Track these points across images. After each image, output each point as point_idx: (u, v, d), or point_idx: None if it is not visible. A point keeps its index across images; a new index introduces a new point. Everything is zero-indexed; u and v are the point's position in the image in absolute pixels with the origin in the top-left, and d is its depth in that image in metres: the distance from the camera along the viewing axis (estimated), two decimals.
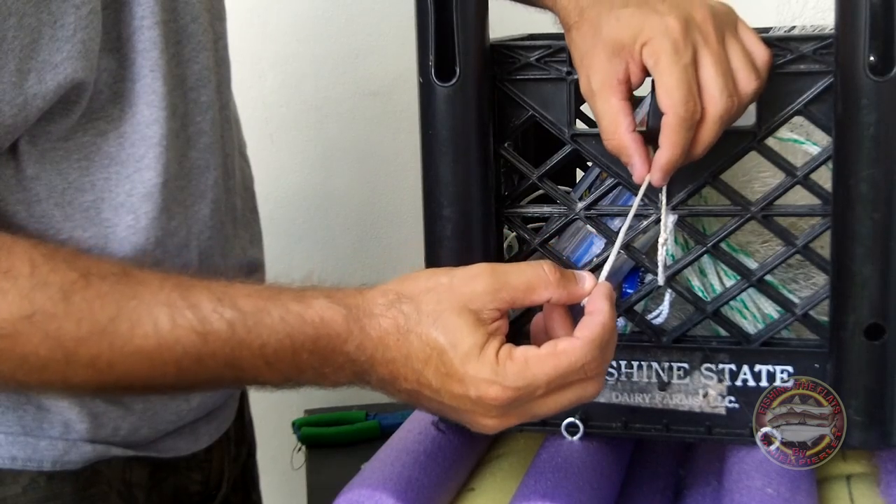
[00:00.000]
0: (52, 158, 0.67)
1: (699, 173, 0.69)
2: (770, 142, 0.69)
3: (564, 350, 0.59)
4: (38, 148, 0.67)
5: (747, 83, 0.63)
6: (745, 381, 0.71)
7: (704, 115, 0.62)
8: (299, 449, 1.23)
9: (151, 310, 0.61)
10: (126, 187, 0.70)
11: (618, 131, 0.64)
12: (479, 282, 0.61)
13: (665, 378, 0.72)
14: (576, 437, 0.73)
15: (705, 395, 0.72)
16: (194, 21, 0.74)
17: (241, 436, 0.91)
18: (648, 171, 0.64)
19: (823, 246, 0.69)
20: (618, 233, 0.68)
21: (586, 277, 0.62)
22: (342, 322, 0.61)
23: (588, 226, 0.73)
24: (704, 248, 0.71)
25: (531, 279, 0.61)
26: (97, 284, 0.61)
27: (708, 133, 0.63)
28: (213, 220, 0.77)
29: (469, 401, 0.60)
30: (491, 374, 0.59)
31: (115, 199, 0.70)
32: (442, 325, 0.60)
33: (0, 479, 0.71)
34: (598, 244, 0.74)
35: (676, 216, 0.70)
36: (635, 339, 0.73)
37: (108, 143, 0.69)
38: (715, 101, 0.62)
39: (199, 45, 0.74)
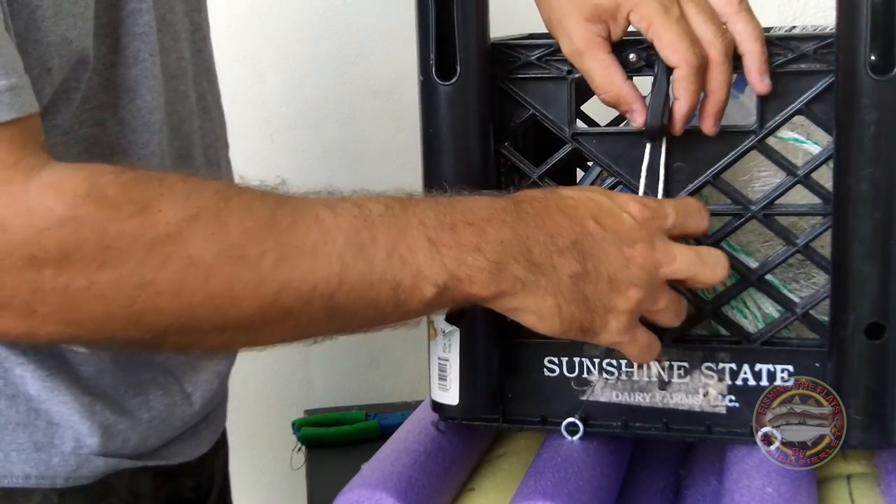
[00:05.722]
0: (56, 154, 0.66)
1: (700, 172, 0.69)
2: (771, 141, 0.69)
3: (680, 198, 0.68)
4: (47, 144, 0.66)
5: (735, 11, 0.67)
6: (745, 380, 0.71)
7: (709, 60, 0.66)
8: (299, 449, 1.23)
9: (309, 205, 0.59)
10: None
11: (614, 82, 0.67)
12: None
13: (665, 377, 0.72)
14: (576, 437, 0.73)
15: (705, 395, 0.72)
16: (171, 11, 0.74)
17: (223, 439, 0.91)
18: (646, 117, 0.67)
19: (824, 245, 0.69)
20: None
21: None
22: (489, 197, 0.63)
23: None
24: None
25: None
26: (250, 190, 0.59)
27: (721, 74, 0.66)
28: None
29: (616, 217, 0.64)
30: (629, 197, 0.65)
31: None
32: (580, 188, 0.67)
33: (13, 498, 0.70)
34: None
35: None
36: None
37: (107, 132, 0.68)
38: (713, 45, 0.65)
39: (175, 35, 0.74)
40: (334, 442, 1.22)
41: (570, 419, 0.73)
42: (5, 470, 0.70)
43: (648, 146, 0.69)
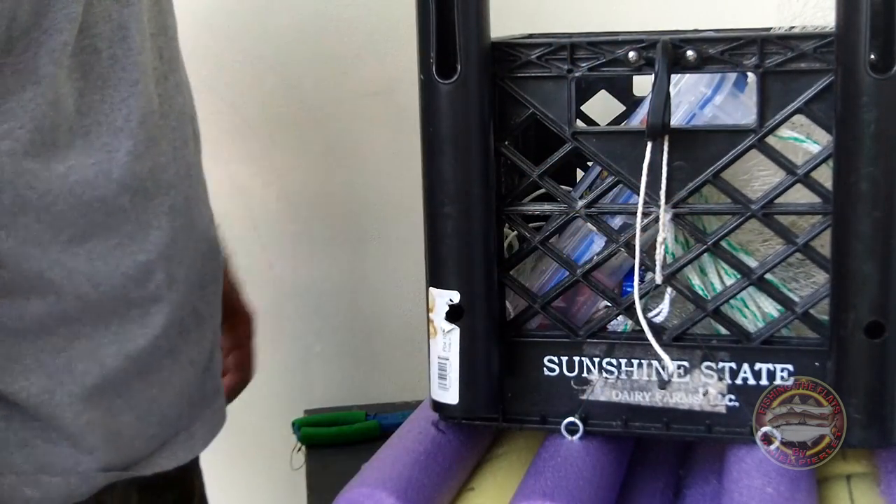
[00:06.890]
0: (60, 76, 0.66)
1: (700, 171, 0.69)
2: (771, 140, 0.69)
3: None
4: (58, 66, 0.65)
5: None
6: (745, 379, 0.71)
7: None
8: (299, 449, 1.23)
9: None
10: (123, 112, 0.69)
11: None
12: None
13: (665, 376, 0.72)
14: (576, 437, 0.73)
15: (705, 394, 0.72)
16: None
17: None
18: None
19: (824, 244, 0.69)
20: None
21: None
22: None
23: (588, 224, 0.73)
24: (705, 247, 0.71)
25: None
26: None
27: None
28: (194, 164, 0.76)
29: None
30: None
31: (114, 122, 0.69)
32: None
33: None
34: (599, 242, 0.74)
35: (671, 213, 0.70)
36: (635, 338, 0.73)
37: (101, 64, 0.68)
38: None
39: None
40: (334, 442, 1.22)
41: (570, 419, 0.73)
42: (4, 495, 0.69)
43: (650, 145, 0.69)
